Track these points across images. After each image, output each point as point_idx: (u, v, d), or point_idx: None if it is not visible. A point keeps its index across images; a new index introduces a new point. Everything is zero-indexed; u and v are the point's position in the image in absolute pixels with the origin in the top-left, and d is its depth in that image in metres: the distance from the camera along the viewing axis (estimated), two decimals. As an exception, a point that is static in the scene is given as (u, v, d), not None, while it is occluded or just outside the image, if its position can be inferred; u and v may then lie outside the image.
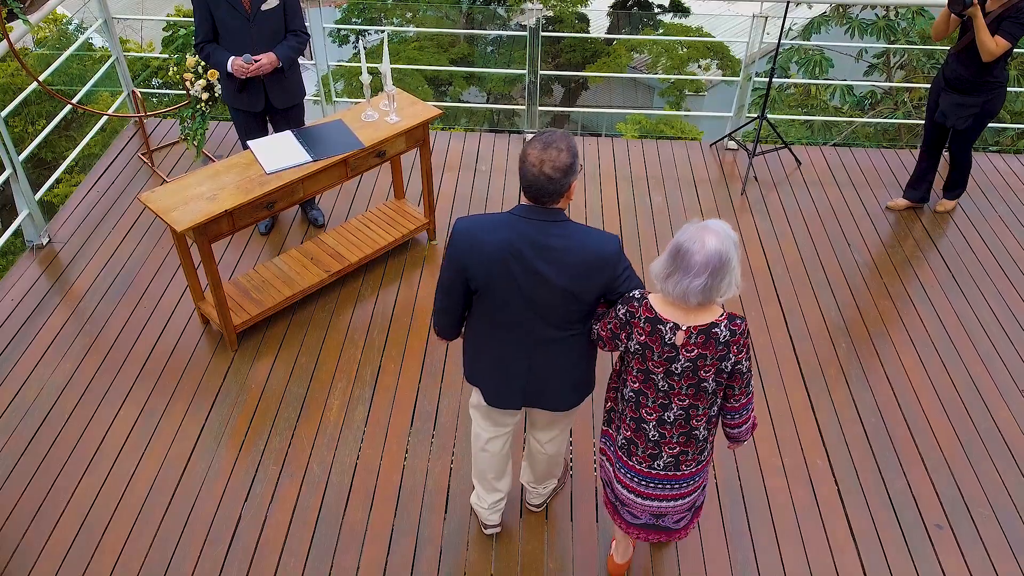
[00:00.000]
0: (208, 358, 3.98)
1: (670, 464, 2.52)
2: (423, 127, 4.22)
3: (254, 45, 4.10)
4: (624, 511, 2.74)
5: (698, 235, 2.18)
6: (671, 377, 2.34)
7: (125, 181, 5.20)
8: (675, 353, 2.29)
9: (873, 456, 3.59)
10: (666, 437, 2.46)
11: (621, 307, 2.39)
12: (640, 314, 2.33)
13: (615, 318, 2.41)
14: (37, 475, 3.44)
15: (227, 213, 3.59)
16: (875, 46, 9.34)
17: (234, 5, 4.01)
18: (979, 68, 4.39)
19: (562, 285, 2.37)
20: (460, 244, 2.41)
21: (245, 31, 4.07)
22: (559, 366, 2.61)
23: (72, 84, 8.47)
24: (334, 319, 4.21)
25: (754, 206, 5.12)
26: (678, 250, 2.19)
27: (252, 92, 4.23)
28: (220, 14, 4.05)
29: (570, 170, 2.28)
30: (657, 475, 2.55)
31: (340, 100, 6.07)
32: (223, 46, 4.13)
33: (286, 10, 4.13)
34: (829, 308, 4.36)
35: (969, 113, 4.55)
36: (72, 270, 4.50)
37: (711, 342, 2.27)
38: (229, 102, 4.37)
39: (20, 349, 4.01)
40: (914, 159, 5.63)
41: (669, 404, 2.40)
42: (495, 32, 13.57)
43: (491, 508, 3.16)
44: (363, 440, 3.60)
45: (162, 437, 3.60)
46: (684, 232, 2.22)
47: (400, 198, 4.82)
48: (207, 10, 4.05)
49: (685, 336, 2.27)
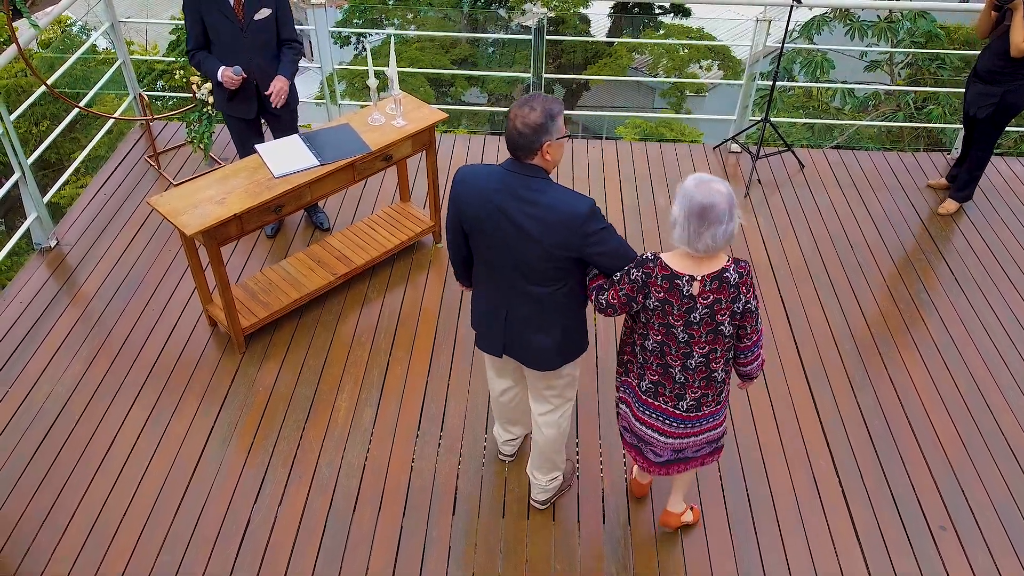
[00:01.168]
0: (216, 360, 4.00)
1: (692, 407, 2.72)
2: (429, 131, 4.24)
3: (247, 54, 4.08)
4: (648, 450, 2.92)
5: (707, 188, 2.38)
6: (691, 327, 2.54)
7: (132, 184, 5.22)
8: (693, 303, 2.50)
9: (876, 456, 3.62)
10: (690, 381, 2.66)
11: (635, 270, 2.54)
12: (656, 273, 2.50)
13: (629, 282, 2.55)
14: (48, 477, 3.46)
15: (236, 217, 3.61)
16: (878, 49, 9.37)
17: (226, 14, 3.99)
18: (1007, 61, 4.51)
19: (535, 237, 2.53)
20: (457, 185, 2.67)
21: (238, 40, 4.05)
22: (533, 322, 2.77)
23: (76, 86, 8.50)
24: (341, 321, 4.23)
25: (757, 208, 5.15)
26: (703, 208, 2.36)
27: (244, 99, 4.23)
28: (212, 21, 4.02)
29: (540, 128, 2.44)
30: (680, 415, 2.75)
31: (345, 103, 6.08)
32: (215, 54, 4.10)
33: (278, 19, 4.11)
34: (832, 310, 4.39)
35: (990, 102, 4.64)
36: (80, 272, 4.53)
37: (724, 286, 2.48)
38: (222, 109, 4.35)
39: (29, 352, 4.04)
40: (917, 162, 5.67)
41: (691, 352, 2.60)
42: (498, 36, 13.59)
43: (505, 443, 3.50)
44: (371, 442, 3.63)
45: (171, 439, 3.63)
46: (692, 193, 2.39)
47: (405, 201, 4.85)
48: (198, 17, 4.02)
49: (701, 285, 2.47)
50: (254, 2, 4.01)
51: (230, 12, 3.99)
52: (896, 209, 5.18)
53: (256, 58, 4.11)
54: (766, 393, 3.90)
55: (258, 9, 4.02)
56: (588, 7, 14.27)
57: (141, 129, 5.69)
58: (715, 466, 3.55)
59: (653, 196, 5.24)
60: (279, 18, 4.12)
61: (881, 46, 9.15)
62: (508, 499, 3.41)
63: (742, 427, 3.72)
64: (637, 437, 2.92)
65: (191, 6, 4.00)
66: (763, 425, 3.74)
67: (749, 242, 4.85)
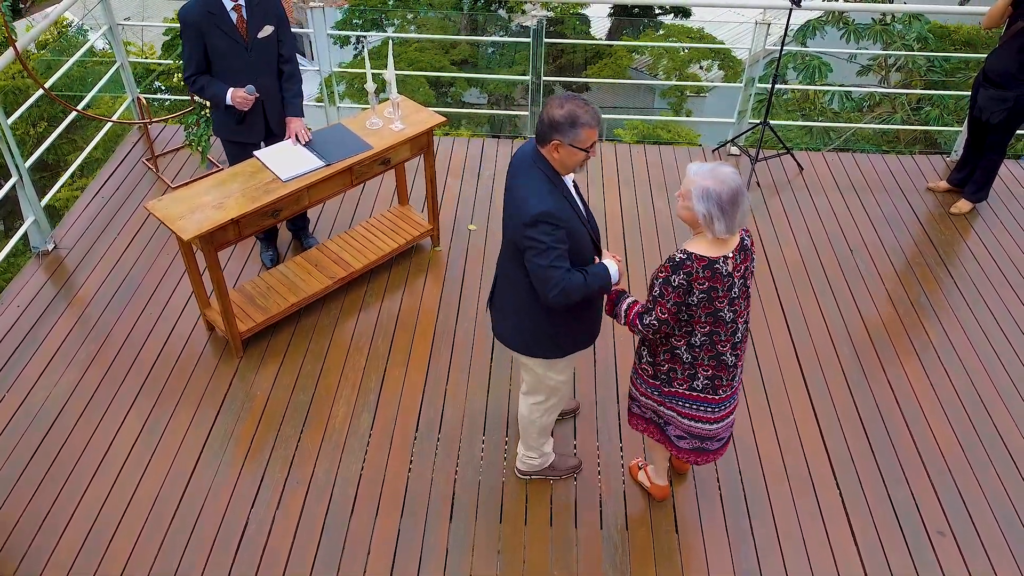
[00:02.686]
0: (213, 365, 4.00)
1: (737, 376, 2.90)
2: (427, 134, 4.24)
3: (252, 73, 3.98)
4: (711, 444, 3.03)
5: (723, 176, 2.51)
6: (734, 303, 2.70)
7: (130, 187, 5.22)
8: (731, 280, 2.66)
9: (875, 460, 3.61)
10: (739, 357, 2.83)
11: (675, 276, 2.63)
12: (696, 267, 2.61)
13: (673, 290, 2.64)
14: (44, 481, 3.46)
15: (233, 221, 3.61)
16: (873, 52, 9.37)
17: (230, 34, 3.89)
18: (1021, 63, 4.47)
19: (506, 218, 2.76)
20: None
21: (242, 59, 3.95)
22: (506, 296, 2.97)
23: (74, 87, 8.49)
24: (339, 326, 4.23)
25: (756, 211, 5.14)
26: (733, 195, 2.51)
27: (253, 122, 4.10)
28: (214, 43, 3.89)
29: (554, 125, 2.57)
30: (732, 393, 2.91)
31: (343, 105, 6.07)
32: (218, 76, 3.97)
33: (280, 34, 4.02)
34: (831, 312, 4.38)
35: (1004, 107, 4.62)
36: (78, 276, 4.52)
37: (743, 252, 2.69)
38: (224, 136, 4.19)
39: (26, 355, 4.03)
40: (916, 164, 5.66)
41: (736, 328, 2.75)
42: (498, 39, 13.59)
43: None
44: (368, 447, 3.62)
45: (168, 444, 3.62)
46: (717, 188, 2.50)
47: (404, 204, 4.84)
48: (200, 40, 3.89)
49: (733, 260, 2.65)
50: (257, 20, 3.92)
51: (234, 32, 3.89)
52: (895, 211, 5.17)
53: (261, 77, 4.01)
54: (764, 397, 3.89)
55: (261, 27, 3.93)
56: (587, 7, 14.27)
57: (139, 132, 5.69)
58: (713, 471, 3.55)
59: (652, 200, 5.24)
60: (280, 35, 4.03)
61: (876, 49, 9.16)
62: (506, 504, 3.40)
63: (740, 431, 3.72)
64: (698, 438, 3.00)
65: (191, 29, 3.86)
66: (761, 429, 3.74)
67: (748, 245, 4.84)
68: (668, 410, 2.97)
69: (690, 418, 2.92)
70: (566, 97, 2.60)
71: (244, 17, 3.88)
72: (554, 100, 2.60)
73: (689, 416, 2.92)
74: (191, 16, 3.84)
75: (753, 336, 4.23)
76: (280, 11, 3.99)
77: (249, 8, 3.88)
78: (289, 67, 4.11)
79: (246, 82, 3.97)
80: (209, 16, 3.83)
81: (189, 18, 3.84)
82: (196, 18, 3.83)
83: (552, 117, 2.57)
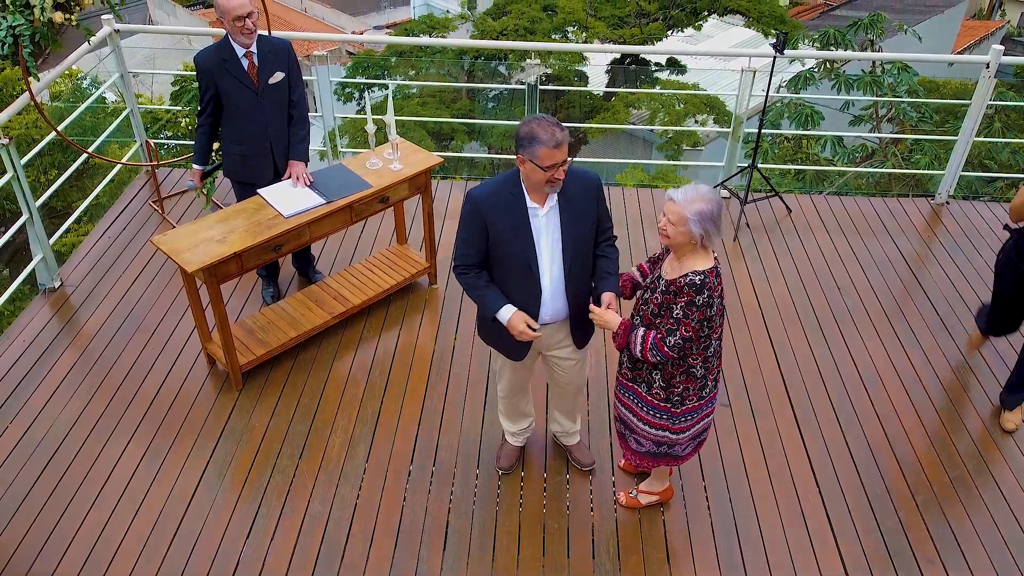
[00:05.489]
0: (213, 397, 4.07)
1: None
2: (425, 174, 4.39)
3: (263, 118, 4.13)
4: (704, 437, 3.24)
5: (703, 195, 2.67)
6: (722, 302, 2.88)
7: (136, 227, 5.36)
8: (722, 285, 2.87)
9: (864, 493, 3.65)
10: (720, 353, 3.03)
11: (700, 297, 2.73)
12: (714, 280, 2.76)
13: (697, 309, 2.75)
14: (44, 510, 3.51)
15: (236, 255, 3.72)
16: (862, 99, 9.63)
17: (241, 79, 4.04)
18: None
19: None
20: None
21: (253, 104, 4.11)
22: None
23: (85, 135, 8.72)
24: (337, 360, 4.31)
25: (746, 251, 5.27)
26: (720, 209, 2.70)
27: (261, 164, 4.24)
28: (226, 88, 4.04)
29: (518, 140, 2.77)
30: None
31: (346, 149, 6.26)
32: (231, 118, 4.13)
33: (290, 80, 4.17)
34: (820, 349, 4.46)
35: None
36: (83, 312, 4.63)
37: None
38: (233, 176, 4.34)
39: (30, 388, 4.11)
40: (902, 206, 5.80)
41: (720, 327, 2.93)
42: (496, 86, 13.94)
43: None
44: (363, 477, 3.68)
45: (167, 474, 3.68)
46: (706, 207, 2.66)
47: (402, 243, 4.97)
48: (212, 84, 4.05)
49: (715, 263, 2.82)
50: (268, 67, 4.07)
51: (245, 78, 4.05)
52: (882, 252, 5.29)
53: (272, 122, 4.16)
54: (755, 430, 3.95)
55: (272, 73, 4.08)
56: (586, 64, 14.67)
57: (146, 175, 5.86)
58: (705, 505, 3.59)
59: (644, 239, 5.37)
60: (291, 80, 4.17)
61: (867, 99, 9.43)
62: (499, 533, 3.44)
63: (730, 463, 3.77)
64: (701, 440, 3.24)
65: (205, 74, 4.04)
66: (751, 461, 3.79)
67: (738, 284, 4.95)
68: (675, 433, 3.08)
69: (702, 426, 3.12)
70: (535, 117, 2.75)
71: (255, 63, 4.05)
72: (526, 118, 2.78)
73: (699, 422, 3.10)
74: (205, 62, 4.03)
75: (743, 371, 4.30)
76: (291, 58, 4.17)
77: (261, 55, 4.06)
78: (298, 111, 4.27)
79: (257, 126, 4.13)
80: (221, 62, 4.01)
81: (203, 64, 4.04)
82: (209, 64, 4.02)
83: (518, 132, 2.77)
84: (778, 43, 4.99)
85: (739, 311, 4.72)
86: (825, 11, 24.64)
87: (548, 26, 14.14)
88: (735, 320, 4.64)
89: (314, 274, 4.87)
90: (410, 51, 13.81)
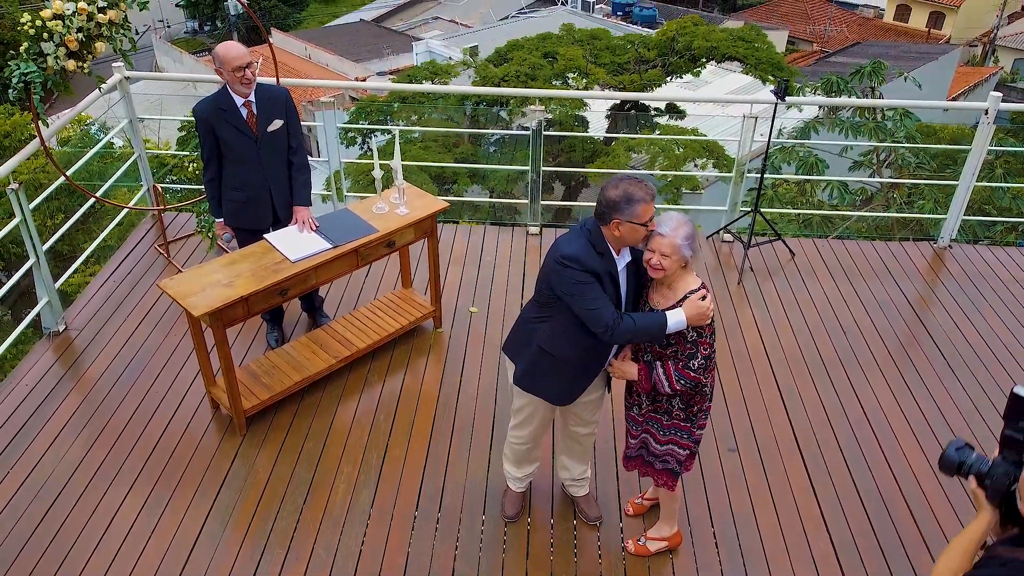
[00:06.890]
0: (217, 442, 4.04)
1: None
2: (431, 218, 4.41)
3: (262, 165, 4.17)
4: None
5: (680, 218, 2.81)
6: None
7: (142, 271, 5.37)
8: None
9: (876, 539, 3.60)
10: None
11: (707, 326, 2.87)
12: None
13: (708, 325, 2.86)
14: (46, 555, 3.45)
15: (243, 299, 3.73)
16: (864, 144, 9.75)
17: (240, 128, 4.08)
18: None
19: None
20: None
21: (252, 152, 4.14)
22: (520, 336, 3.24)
23: (93, 180, 8.81)
24: (341, 404, 4.29)
25: (751, 295, 5.27)
26: (693, 229, 2.82)
27: (261, 210, 4.28)
28: (225, 136, 4.07)
29: (611, 205, 2.77)
30: None
31: (350, 194, 6.31)
32: (231, 165, 4.17)
33: (289, 128, 4.22)
34: (827, 393, 4.44)
35: None
36: (86, 356, 4.61)
37: None
38: (232, 224, 4.36)
39: (33, 432, 4.08)
40: (904, 250, 5.83)
41: None
42: (498, 131, 14.11)
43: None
44: (368, 523, 3.63)
45: (170, 519, 3.63)
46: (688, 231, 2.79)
47: (407, 287, 4.98)
48: (211, 133, 4.08)
49: None
50: (267, 115, 4.12)
51: (244, 126, 4.09)
52: (886, 295, 5.30)
53: (272, 169, 4.20)
54: (763, 475, 3.91)
55: (271, 121, 4.13)
56: (586, 110, 14.86)
57: (153, 219, 5.90)
58: (715, 553, 3.54)
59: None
60: (290, 127, 4.22)
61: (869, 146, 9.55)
62: (505, 581, 3.39)
63: (740, 509, 3.72)
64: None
65: (203, 124, 4.08)
66: (761, 507, 3.74)
67: (743, 327, 4.95)
68: (683, 448, 3.17)
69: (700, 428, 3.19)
70: (620, 178, 2.80)
71: (255, 112, 4.10)
72: (610, 182, 2.80)
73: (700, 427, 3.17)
74: (204, 112, 4.07)
75: (751, 416, 4.28)
76: (289, 106, 4.22)
77: (259, 104, 4.10)
78: (298, 158, 4.31)
79: (256, 173, 4.16)
80: (220, 112, 4.05)
81: (201, 113, 4.08)
82: (208, 113, 4.07)
83: (608, 198, 2.76)
84: (779, 90, 5.07)
85: (745, 356, 4.70)
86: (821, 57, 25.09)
87: (549, 72, 14.35)
88: (741, 365, 4.63)
89: (321, 317, 4.86)
90: (413, 97, 14.00)
